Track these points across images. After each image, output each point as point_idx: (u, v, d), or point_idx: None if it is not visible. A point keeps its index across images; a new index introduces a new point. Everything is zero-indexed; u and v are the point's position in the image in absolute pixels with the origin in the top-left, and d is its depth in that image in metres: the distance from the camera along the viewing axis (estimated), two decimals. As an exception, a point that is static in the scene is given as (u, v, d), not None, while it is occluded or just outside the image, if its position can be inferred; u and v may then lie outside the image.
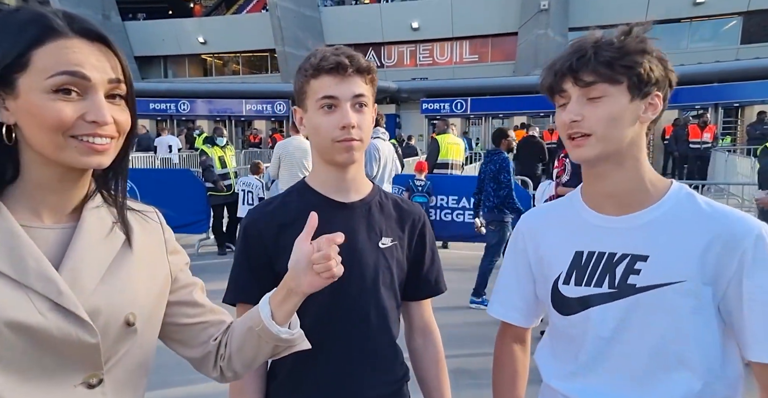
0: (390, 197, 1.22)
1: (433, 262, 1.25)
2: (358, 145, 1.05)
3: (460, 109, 18.91)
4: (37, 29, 0.68)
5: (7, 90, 0.68)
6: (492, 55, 22.15)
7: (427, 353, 1.25)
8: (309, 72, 1.06)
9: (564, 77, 0.96)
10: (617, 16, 17.99)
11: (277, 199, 1.17)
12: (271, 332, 0.84)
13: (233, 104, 20.48)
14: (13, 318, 0.66)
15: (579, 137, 0.95)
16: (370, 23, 21.95)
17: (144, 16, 25.72)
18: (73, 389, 0.72)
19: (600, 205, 1.01)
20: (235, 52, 24.80)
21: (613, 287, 0.96)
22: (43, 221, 0.73)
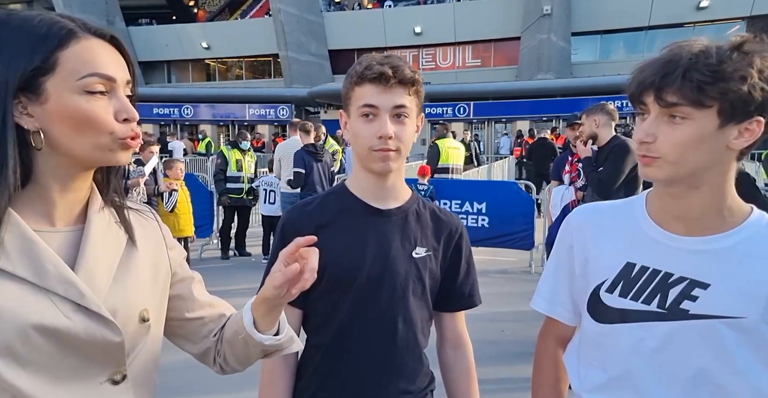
0: (428, 207, 1.21)
1: (468, 274, 1.24)
2: (394, 155, 1.06)
3: (463, 113, 18.93)
4: (58, 32, 0.68)
5: (32, 96, 0.68)
6: (495, 60, 22.18)
7: (458, 365, 1.24)
8: (354, 79, 1.07)
9: (646, 91, 0.86)
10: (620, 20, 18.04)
11: (317, 200, 1.18)
12: (254, 339, 0.84)
13: (236, 108, 20.56)
14: (41, 322, 0.67)
15: (650, 157, 0.88)
16: (372, 28, 22.03)
17: (148, 21, 25.88)
18: (99, 386, 0.74)
19: (666, 220, 0.94)
20: (239, 57, 24.91)
21: (663, 308, 0.92)
22: (54, 225, 0.74)
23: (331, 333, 1.11)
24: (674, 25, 18.36)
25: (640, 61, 0.90)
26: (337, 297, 1.10)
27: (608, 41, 20.64)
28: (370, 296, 1.09)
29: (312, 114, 21.08)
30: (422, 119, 1.15)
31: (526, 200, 6.16)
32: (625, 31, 19.66)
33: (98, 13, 22.47)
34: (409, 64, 1.08)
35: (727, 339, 0.87)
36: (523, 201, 6.12)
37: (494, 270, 5.89)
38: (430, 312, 1.19)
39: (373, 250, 1.10)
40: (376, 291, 1.09)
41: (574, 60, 20.22)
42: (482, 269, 5.76)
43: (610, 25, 19.54)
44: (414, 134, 1.11)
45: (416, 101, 1.09)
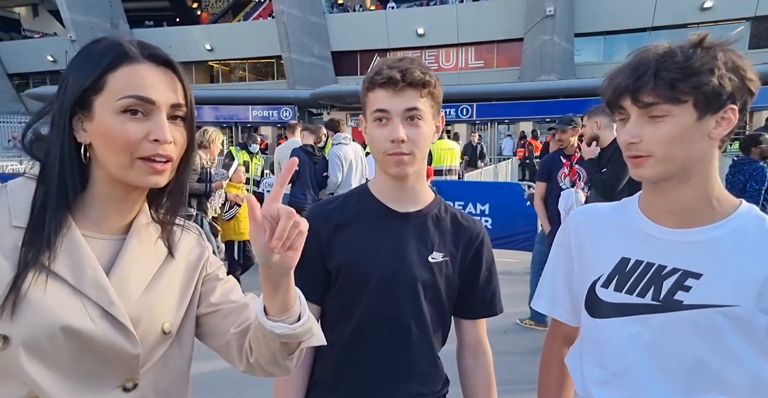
0: (450, 212, 1.20)
1: (489, 282, 1.23)
2: (409, 159, 1.07)
3: (466, 114, 18.93)
4: (112, 55, 0.75)
5: (85, 112, 0.75)
6: (497, 61, 22.17)
7: (477, 374, 1.23)
8: (367, 85, 1.09)
9: (623, 95, 0.90)
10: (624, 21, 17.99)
11: (338, 199, 1.20)
12: (265, 327, 0.77)
13: (239, 110, 20.62)
14: (68, 323, 0.70)
15: (640, 157, 0.91)
16: (375, 30, 22.05)
17: (152, 23, 25.99)
18: (111, 391, 0.76)
19: (657, 215, 0.96)
20: (242, 58, 24.98)
21: (657, 300, 0.93)
22: (101, 232, 0.78)
23: (346, 332, 1.12)
24: (678, 26, 18.30)
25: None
26: (352, 296, 1.11)
27: (612, 42, 20.60)
28: (384, 297, 1.09)
29: (315, 116, 21.12)
30: (442, 119, 1.15)
31: (529, 202, 6.16)
32: (629, 32, 19.61)
33: (102, 16, 22.58)
34: (422, 66, 1.08)
35: (722, 328, 0.87)
36: (526, 202, 6.11)
37: (498, 271, 5.86)
38: (447, 318, 1.19)
39: (388, 252, 1.10)
40: (389, 292, 1.10)
41: (577, 61, 20.19)
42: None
43: (613, 26, 19.50)
44: (431, 136, 1.10)
45: (431, 102, 1.09)
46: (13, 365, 0.68)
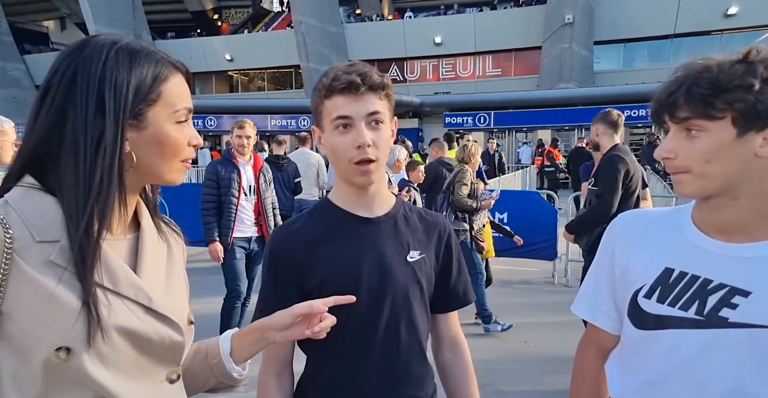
0: (414, 210, 1.21)
1: (461, 273, 1.23)
2: (374, 166, 1.05)
3: (483, 122, 18.87)
4: (165, 68, 0.78)
5: (134, 122, 0.75)
6: (515, 69, 22.10)
7: (457, 367, 1.22)
8: (322, 92, 1.05)
9: (661, 110, 0.89)
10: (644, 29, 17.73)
11: (303, 217, 1.16)
12: (225, 368, 0.88)
13: (258, 119, 20.81)
14: (121, 324, 0.73)
15: (678, 173, 0.89)
16: (393, 39, 22.20)
17: (173, 34, 26.58)
18: (160, 384, 0.80)
19: (708, 228, 0.93)
20: (261, 68, 25.36)
21: (701, 315, 0.89)
22: (113, 234, 0.79)
23: (337, 349, 1.09)
24: (701, 33, 18.05)
25: (666, 70, 0.93)
26: (338, 312, 1.06)
27: (632, 50, 20.39)
28: (373, 306, 1.07)
29: (332, 124, 21.25)
30: (395, 123, 1.13)
31: (549, 210, 6.07)
32: (650, 39, 19.40)
33: (126, 27, 23.18)
34: (375, 69, 1.06)
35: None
36: (546, 211, 6.03)
37: (516, 281, 5.80)
38: (428, 316, 1.18)
39: (369, 260, 1.08)
40: (378, 301, 1.08)
41: (596, 69, 20.02)
42: (504, 280, 5.68)
43: (634, 33, 19.32)
44: (390, 140, 1.09)
45: (388, 105, 1.07)
46: (79, 373, 0.69)
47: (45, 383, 0.69)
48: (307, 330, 0.88)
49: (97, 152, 0.71)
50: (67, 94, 0.72)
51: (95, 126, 0.71)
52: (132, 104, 0.74)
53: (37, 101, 0.74)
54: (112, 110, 0.72)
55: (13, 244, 0.68)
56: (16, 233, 0.68)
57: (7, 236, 0.67)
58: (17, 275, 0.68)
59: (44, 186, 0.73)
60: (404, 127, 18.96)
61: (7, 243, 0.67)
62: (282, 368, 1.12)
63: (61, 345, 0.68)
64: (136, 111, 0.75)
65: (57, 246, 0.70)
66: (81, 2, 22.36)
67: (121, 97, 0.73)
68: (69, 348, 0.68)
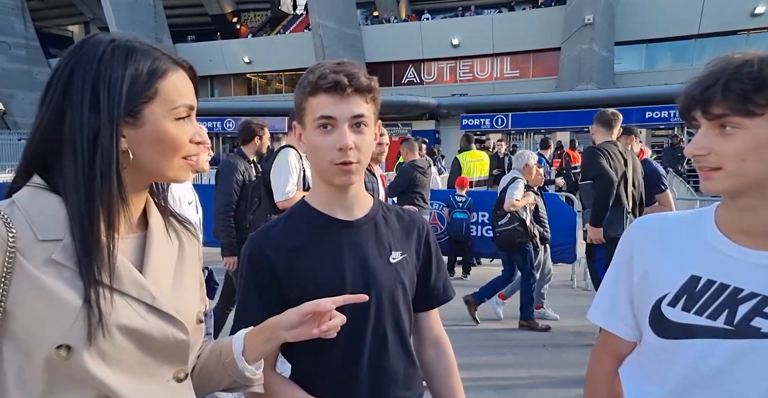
0: (392, 210, 1.19)
1: (440, 269, 1.22)
2: (356, 167, 1.02)
3: (501, 124, 18.72)
4: (160, 65, 0.76)
5: (131, 119, 0.74)
6: (533, 71, 21.90)
7: (440, 365, 1.21)
8: (307, 89, 1.02)
9: (693, 106, 0.86)
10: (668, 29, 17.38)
11: (280, 222, 1.12)
12: (237, 367, 0.87)
13: (276, 121, 20.93)
14: (122, 322, 0.72)
15: (708, 170, 0.85)
16: (410, 40, 22.19)
17: (193, 38, 26.98)
18: (167, 383, 0.79)
19: (734, 233, 0.90)
20: (279, 71, 25.57)
21: (730, 325, 0.86)
22: (119, 232, 0.78)
23: (322, 357, 1.06)
24: (726, 33, 17.67)
25: (689, 71, 0.89)
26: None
27: (654, 50, 20.05)
28: (358, 312, 1.03)
29: (349, 126, 21.34)
30: (380, 127, 1.12)
31: (568, 213, 5.98)
32: (673, 39, 19.05)
33: (147, 31, 23.60)
34: (364, 71, 1.03)
35: None
36: (565, 213, 5.94)
37: (534, 285, 5.71)
38: (411, 315, 1.16)
39: (352, 264, 1.06)
40: (364, 305, 1.02)
41: (617, 70, 19.73)
42: (522, 284, 5.61)
43: (656, 33, 19.00)
44: (373, 143, 1.06)
45: (374, 108, 1.05)
46: (80, 371, 0.69)
47: (48, 381, 0.69)
48: (315, 329, 0.86)
49: (94, 150, 0.71)
50: (64, 92, 0.72)
51: (90, 124, 0.71)
52: (127, 101, 0.72)
53: (40, 101, 0.75)
54: (106, 107, 0.72)
55: (16, 243, 0.68)
56: (20, 232, 0.69)
57: (10, 235, 0.68)
58: (20, 273, 0.68)
59: (50, 185, 0.74)
60: (421, 129, 18.91)
61: (10, 242, 0.68)
62: (273, 364, 1.08)
63: (61, 343, 0.68)
64: (133, 108, 0.73)
65: (60, 245, 0.70)
66: (104, 7, 22.86)
67: (115, 94, 0.72)
68: (69, 346, 0.68)
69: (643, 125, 15.45)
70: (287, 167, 2.99)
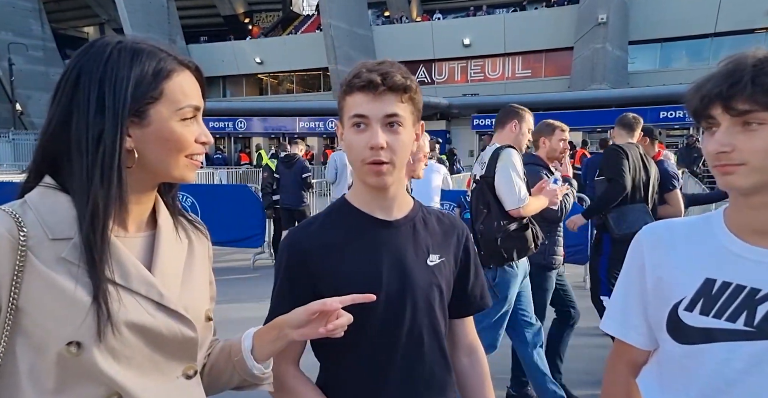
0: (432, 213, 1.18)
1: (478, 276, 1.21)
2: (387, 168, 1.01)
3: (513, 125, 18.62)
4: (165, 66, 0.77)
5: (137, 119, 0.76)
6: (546, 71, 21.75)
7: (474, 372, 1.20)
8: (344, 88, 1.03)
9: (713, 103, 0.84)
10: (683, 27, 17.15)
11: (319, 219, 1.13)
12: (246, 365, 0.88)
13: (287, 121, 21.14)
14: (131, 319, 0.74)
15: (730, 165, 0.84)
16: (421, 40, 22.16)
17: (206, 38, 27.21)
18: (176, 380, 0.80)
19: (747, 234, 0.89)
20: (290, 71, 25.68)
21: (751, 326, 0.86)
22: (128, 231, 0.81)
23: (355, 357, 1.05)
24: (743, 32, 17.39)
25: (705, 70, 0.88)
26: (358, 319, 1.02)
27: (669, 49, 19.80)
28: (393, 313, 1.04)
29: (360, 126, 21.36)
30: (422, 128, 1.10)
31: (579, 213, 5.92)
32: (689, 38, 18.80)
33: (161, 33, 23.83)
34: (402, 70, 1.02)
35: None
36: (576, 213, 5.89)
37: (546, 286, 5.67)
38: (447, 321, 1.15)
39: (389, 264, 1.05)
40: (398, 307, 1.05)
41: (631, 69, 19.52)
42: (533, 285, 5.57)
43: (671, 32, 18.76)
44: (410, 144, 1.04)
45: (411, 108, 1.03)
46: (91, 367, 0.71)
47: (59, 377, 0.71)
48: (322, 328, 0.86)
49: (97, 150, 0.73)
50: (72, 94, 0.74)
51: (96, 124, 0.73)
52: (132, 102, 0.74)
53: (49, 103, 0.77)
54: (111, 107, 0.73)
55: (27, 242, 0.70)
56: (31, 232, 0.71)
57: (21, 235, 0.70)
58: (31, 271, 0.70)
59: (60, 185, 0.76)
60: (432, 129, 18.86)
61: (21, 241, 0.70)
62: (296, 358, 1.08)
63: (72, 340, 0.70)
64: (138, 108, 0.75)
65: (70, 243, 0.72)
66: (119, 9, 23.14)
67: (120, 95, 0.73)
68: (80, 343, 0.70)
69: (658, 125, 15.22)
70: (515, 170, 2.65)
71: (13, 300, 0.70)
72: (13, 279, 0.69)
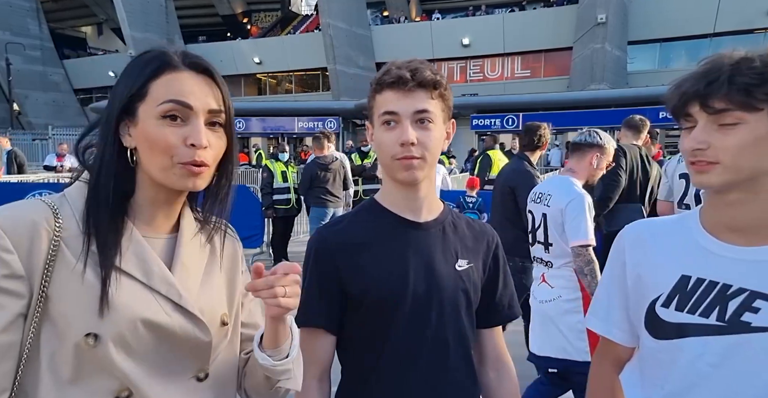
0: (462, 218, 1.16)
1: (506, 285, 1.18)
2: (419, 163, 0.99)
3: (512, 125, 18.59)
4: (156, 64, 0.78)
5: (130, 118, 0.78)
6: (545, 70, 21.75)
7: (502, 389, 1.15)
8: (374, 86, 1.03)
9: (691, 102, 0.86)
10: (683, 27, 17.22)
11: (347, 217, 1.12)
12: (256, 356, 0.85)
13: (286, 121, 21.12)
14: (147, 317, 0.75)
15: (705, 163, 0.86)
16: (420, 40, 22.15)
17: (204, 38, 27.17)
18: (187, 381, 0.81)
19: (720, 231, 0.91)
20: (289, 71, 25.66)
21: (722, 321, 0.88)
22: (154, 232, 0.82)
23: (379, 359, 1.04)
24: (742, 32, 17.40)
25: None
26: (383, 320, 1.04)
27: (668, 49, 19.82)
28: (419, 315, 1.03)
29: (359, 126, 21.33)
30: (453, 125, 1.08)
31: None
32: (688, 38, 18.81)
33: (159, 32, 23.81)
34: (432, 67, 1.01)
35: None
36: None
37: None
38: (474, 328, 1.12)
39: (416, 266, 1.04)
40: (424, 310, 1.03)
41: (630, 69, 19.53)
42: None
43: (671, 32, 18.77)
44: (441, 141, 1.03)
45: (441, 105, 1.02)
46: (105, 360, 0.73)
47: (75, 367, 0.73)
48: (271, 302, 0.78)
49: (99, 147, 0.79)
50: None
51: (103, 122, 0.80)
52: (121, 99, 0.77)
53: None
54: (108, 105, 0.79)
55: (62, 233, 0.74)
56: (65, 223, 0.75)
57: (57, 226, 0.74)
58: (62, 261, 0.73)
59: None
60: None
61: (56, 232, 0.74)
62: (322, 373, 1.07)
63: (90, 332, 0.72)
64: (129, 106, 0.77)
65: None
66: (117, 8, 23.09)
67: (116, 94, 0.78)
68: (97, 335, 0.72)
69: (657, 125, 15.15)
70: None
71: (44, 288, 0.72)
72: (45, 267, 0.72)
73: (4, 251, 0.70)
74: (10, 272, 0.70)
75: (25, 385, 0.74)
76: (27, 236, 0.72)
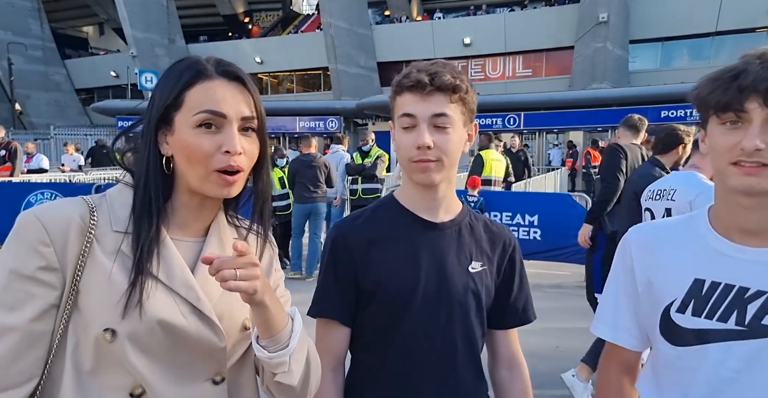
0: (480, 219, 1.17)
1: (522, 288, 1.18)
2: (436, 166, 1.00)
3: (513, 124, 18.56)
4: (190, 73, 0.81)
5: (167, 127, 0.81)
6: (546, 70, 21.72)
7: (514, 387, 1.16)
8: (395, 88, 1.04)
9: (751, 96, 0.80)
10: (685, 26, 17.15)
11: (365, 213, 1.14)
12: (254, 348, 0.84)
13: (287, 121, 21.10)
14: (164, 318, 0.77)
15: (755, 166, 0.80)
16: (421, 40, 22.13)
17: (205, 38, 27.19)
18: (201, 384, 0.82)
19: (734, 233, 0.89)
20: (290, 70, 25.66)
21: (742, 326, 0.85)
22: (185, 235, 0.85)
23: (386, 353, 1.05)
24: (744, 31, 17.35)
25: (707, 69, 0.85)
26: (392, 316, 1.05)
27: (670, 48, 19.77)
28: (428, 314, 1.04)
29: (360, 126, 21.32)
30: (475, 128, 1.09)
31: (581, 213, 5.88)
32: (690, 37, 18.77)
33: (161, 32, 23.83)
34: (454, 70, 1.02)
35: None
36: (578, 214, 5.84)
37: (548, 284, 5.67)
38: (484, 331, 1.14)
39: (428, 265, 1.05)
40: (433, 309, 1.04)
41: (632, 68, 19.48)
42: (535, 283, 5.51)
43: (672, 31, 18.72)
44: (461, 144, 1.04)
45: (461, 108, 1.02)
46: (121, 356, 0.76)
47: (94, 360, 0.76)
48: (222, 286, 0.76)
49: (141, 154, 0.82)
50: None
51: (144, 131, 0.83)
52: (158, 109, 0.81)
53: None
54: (147, 115, 0.82)
55: (95, 230, 0.78)
56: (100, 221, 0.79)
57: (92, 222, 0.78)
58: (93, 257, 0.77)
59: None
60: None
61: (91, 228, 0.77)
62: (336, 365, 1.09)
63: (108, 327, 0.75)
64: (167, 116, 0.80)
65: (130, 237, 0.79)
66: (119, 8, 23.11)
67: (153, 102, 0.82)
68: (114, 331, 0.75)
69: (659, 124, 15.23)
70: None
71: (76, 281, 0.76)
72: (78, 262, 0.76)
73: (43, 245, 0.74)
74: (46, 264, 0.74)
75: (53, 373, 0.77)
76: (64, 231, 0.76)
